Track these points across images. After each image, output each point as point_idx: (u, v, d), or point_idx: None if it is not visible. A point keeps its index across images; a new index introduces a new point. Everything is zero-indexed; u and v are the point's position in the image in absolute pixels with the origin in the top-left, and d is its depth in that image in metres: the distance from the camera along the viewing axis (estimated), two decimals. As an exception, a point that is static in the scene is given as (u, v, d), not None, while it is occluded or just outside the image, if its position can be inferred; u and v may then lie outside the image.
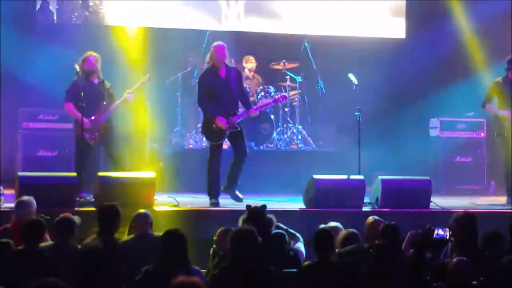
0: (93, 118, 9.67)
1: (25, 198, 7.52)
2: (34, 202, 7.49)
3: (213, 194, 9.76)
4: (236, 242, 5.81)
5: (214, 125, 9.65)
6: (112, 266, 5.78)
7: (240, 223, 6.90)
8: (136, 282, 5.82)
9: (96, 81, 9.82)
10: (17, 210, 7.47)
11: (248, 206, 7.26)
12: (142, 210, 7.42)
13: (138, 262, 6.06)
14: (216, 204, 9.69)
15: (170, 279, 4.46)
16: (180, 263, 5.80)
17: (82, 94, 9.50)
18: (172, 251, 5.85)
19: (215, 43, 9.86)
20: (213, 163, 9.79)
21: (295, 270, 6.26)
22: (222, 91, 9.68)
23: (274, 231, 6.94)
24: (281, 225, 7.18)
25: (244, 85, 12.06)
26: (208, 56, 9.84)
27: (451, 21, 13.13)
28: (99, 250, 5.91)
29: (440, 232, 6.14)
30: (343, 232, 6.95)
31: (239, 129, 9.73)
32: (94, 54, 9.85)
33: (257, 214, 6.93)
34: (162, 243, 5.94)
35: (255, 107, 10.09)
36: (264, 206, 7.12)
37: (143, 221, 7.21)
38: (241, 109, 9.98)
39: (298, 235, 7.30)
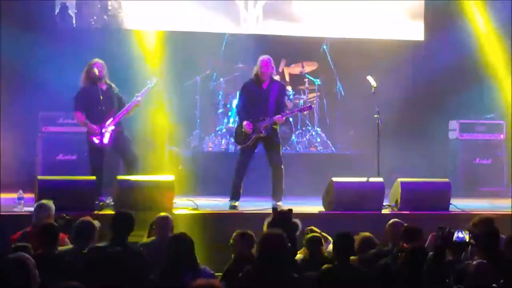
0: (108, 124, 9.68)
1: (44, 201, 7.55)
2: (53, 205, 7.52)
3: (233, 197, 9.86)
4: (266, 246, 5.80)
5: (242, 129, 9.88)
6: (124, 272, 5.81)
7: (265, 226, 6.90)
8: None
9: (104, 87, 9.83)
10: (36, 214, 7.49)
11: (274, 209, 7.26)
12: (163, 213, 7.48)
13: (159, 265, 6.09)
14: (234, 207, 9.76)
15: (177, 282, 4.47)
16: (187, 266, 5.82)
17: (101, 97, 9.56)
18: (178, 255, 5.87)
19: (262, 57, 10.05)
20: (238, 166, 9.93)
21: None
22: (259, 100, 9.91)
23: (310, 234, 6.94)
24: (315, 228, 7.17)
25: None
26: (254, 68, 10.04)
27: (470, 22, 13.07)
28: (110, 255, 5.93)
29: (460, 234, 6.12)
30: (357, 237, 6.93)
31: (264, 134, 9.81)
32: (100, 60, 9.85)
33: (283, 218, 6.93)
34: (169, 247, 5.97)
35: (281, 114, 9.98)
36: (290, 210, 7.11)
37: (164, 224, 7.25)
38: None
39: (330, 238, 7.29)
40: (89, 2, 12.55)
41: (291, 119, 12.41)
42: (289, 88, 12.48)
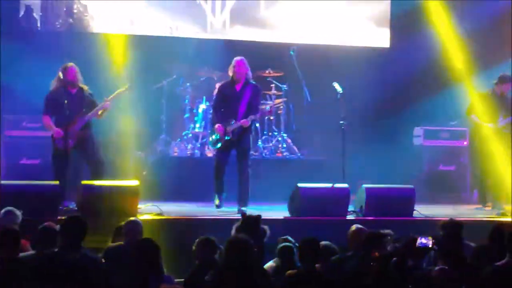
0: (73, 127, 9.62)
1: (11, 208, 7.43)
2: (20, 214, 7.41)
3: (217, 196, 10.15)
4: (232, 251, 5.79)
5: (215, 133, 10.14)
6: (79, 277, 5.76)
7: (233, 230, 6.88)
8: None
9: (74, 90, 9.76)
10: (3, 219, 7.36)
11: (243, 214, 7.25)
12: (132, 218, 7.48)
13: (126, 269, 6.05)
14: (218, 206, 10.08)
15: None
16: (153, 272, 5.79)
17: (66, 101, 9.47)
18: (145, 261, 5.84)
19: (236, 58, 10.28)
20: (215, 168, 10.19)
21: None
22: (232, 102, 10.12)
23: (283, 244, 6.92)
24: (290, 238, 7.16)
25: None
26: (230, 68, 10.27)
27: (434, 30, 13.19)
28: (62, 261, 5.87)
29: (423, 240, 6.15)
30: None
31: (233, 138, 10.01)
32: (70, 64, 9.79)
33: (252, 224, 6.92)
34: (135, 252, 5.94)
35: (246, 119, 10.11)
36: (259, 216, 7.11)
37: (134, 229, 7.21)
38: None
39: None
40: (54, 5, 12.44)
41: (257, 125, 12.40)
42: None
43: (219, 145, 10.10)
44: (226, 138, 10.03)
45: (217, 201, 10.16)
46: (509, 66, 12.12)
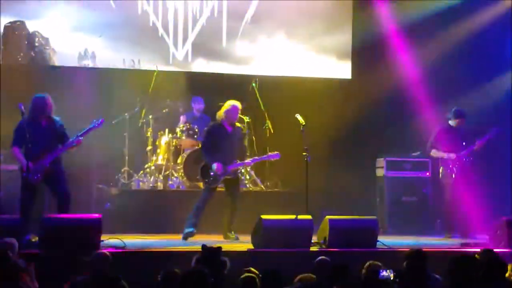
0: (41, 160, 9.53)
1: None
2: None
3: (190, 226, 10.29)
4: (187, 283, 5.76)
5: (211, 170, 10.42)
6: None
7: (193, 262, 6.86)
8: None
9: (44, 122, 9.69)
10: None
11: (203, 246, 7.24)
12: (100, 250, 7.52)
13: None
14: (190, 233, 10.24)
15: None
16: None
17: (28, 135, 9.37)
18: None
19: (232, 103, 10.67)
20: (201, 204, 10.48)
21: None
22: (225, 143, 10.53)
23: (245, 274, 6.89)
24: (253, 269, 7.13)
25: (193, 125, 12.16)
26: (222, 111, 10.63)
27: (395, 62, 13.38)
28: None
29: (385, 273, 6.15)
30: None
31: (234, 176, 10.56)
32: (41, 95, 9.71)
33: (212, 256, 6.91)
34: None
35: (250, 159, 10.93)
36: (219, 248, 7.09)
37: (102, 261, 7.15)
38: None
39: None
40: (16, 38, 12.40)
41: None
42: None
43: (218, 183, 10.52)
44: (226, 176, 10.45)
45: (189, 230, 10.28)
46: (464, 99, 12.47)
